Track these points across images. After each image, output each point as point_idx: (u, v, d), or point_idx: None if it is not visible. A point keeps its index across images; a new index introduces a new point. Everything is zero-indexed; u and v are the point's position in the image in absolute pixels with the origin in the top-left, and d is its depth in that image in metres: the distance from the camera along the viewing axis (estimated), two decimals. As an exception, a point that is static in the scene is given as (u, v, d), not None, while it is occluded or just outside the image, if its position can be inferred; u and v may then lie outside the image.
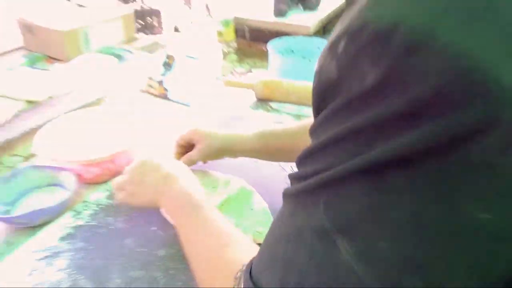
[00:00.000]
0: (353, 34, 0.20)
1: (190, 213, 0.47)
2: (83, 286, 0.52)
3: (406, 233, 0.19)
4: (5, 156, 0.81)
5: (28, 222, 0.62)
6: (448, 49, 0.17)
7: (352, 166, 0.20)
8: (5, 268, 0.55)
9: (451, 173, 0.18)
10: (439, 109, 0.17)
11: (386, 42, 0.19)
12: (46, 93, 0.99)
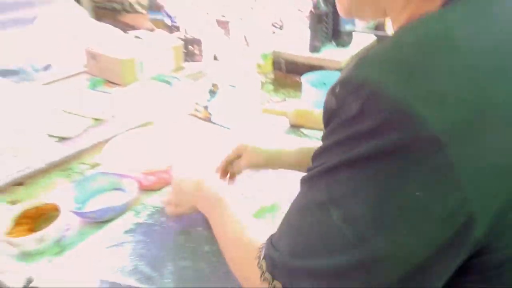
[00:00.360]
0: (342, 84, 0.34)
1: (217, 207, 0.58)
2: (142, 270, 0.63)
3: (373, 204, 0.31)
4: (75, 163, 0.96)
5: (98, 217, 0.75)
6: (390, 97, 0.30)
7: (340, 161, 0.33)
8: (78, 253, 0.68)
9: (395, 167, 0.30)
10: (382, 131, 0.30)
11: (359, 91, 0.32)
12: (109, 112, 1.16)
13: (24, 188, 0.87)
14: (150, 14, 5.21)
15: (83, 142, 1.02)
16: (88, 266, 0.65)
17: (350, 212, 0.32)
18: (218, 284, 0.61)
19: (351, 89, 0.32)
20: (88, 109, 1.16)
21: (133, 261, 0.65)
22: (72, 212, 0.74)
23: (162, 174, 0.85)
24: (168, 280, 0.61)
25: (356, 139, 0.32)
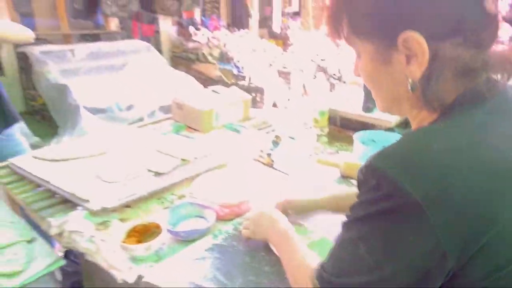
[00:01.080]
0: (368, 166, 0.53)
1: (286, 241, 0.81)
2: (219, 279, 0.84)
3: (384, 243, 0.50)
4: (167, 194, 1.23)
5: (186, 237, 0.99)
6: (394, 181, 0.48)
7: (364, 215, 0.53)
8: (172, 262, 0.91)
9: (396, 221, 0.49)
10: (388, 199, 0.49)
11: (373, 173, 0.51)
12: (192, 154, 1.44)
13: (130, 210, 1.14)
14: (220, 65, 5.80)
15: (173, 177, 1.29)
16: (179, 272, 0.87)
17: (370, 247, 0.51)
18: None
19: (371, 171, 0.52)
20: (176, 151, 1.45)
21: (212, 272, 0.87)
22: (168, 231, 0.98)
23: (234, 207, 1.07)
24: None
25: (373, 203, 0.51)
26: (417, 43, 0.51)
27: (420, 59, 0.52)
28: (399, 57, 0.54)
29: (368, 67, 0.59)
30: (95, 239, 0.98)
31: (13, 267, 1.02)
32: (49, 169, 1.35)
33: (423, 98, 0.55)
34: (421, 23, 0.51)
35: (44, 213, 1.16)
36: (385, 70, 0.57)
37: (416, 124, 0.61)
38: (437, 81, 0.52)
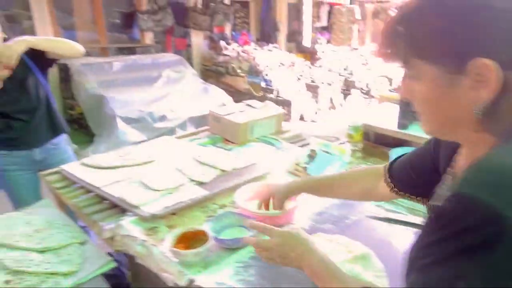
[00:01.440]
0: (455, 196, 0.48)
1: (323, 272, 0.75)
2: (265, 285, 0.89)
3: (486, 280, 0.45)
4: (209, 203, 1.29)
5: (231, 245, 1.04)
6: (490, 206, 0.44)
7: (452, 250, 0.47)
8: (216, 270, 0.96)
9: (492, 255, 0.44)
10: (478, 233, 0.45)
11: (467, 202, 0.46)
12: (231, 165, 1.50)
13: (176, 217, 1.20)
14: (248, 78, 5.92)
15: (214, 187, 1.35)
16: (227, 278, 0.92)
17: (471, 284, 0.47)
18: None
19: (464, 200, 0.47)
20: (215, 162, 1.52)
21: (258, 280, 0.91)
22: (214, 239, 1.04)
23: (274, 218, 1.12)
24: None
25: (468, 233, 0.46)
26: (490, 70, 0.50)
27: (492, 86, 0.51)
28: (466, 82, 0.53)
29: (427, 90, 0.58)
30: (147, 243, 1.04)
31: (69, 267, 1.10)
32: (98, 176, 1.44)
33: (488, 123, 0.55)
34: (495, 50, 0.50)
35: (95, 217, 1.24)
36: (447, 94, 0.56)
37: (471, 147, 0.61)
38: (504, 108, 0.53)
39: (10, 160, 1.72)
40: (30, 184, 1.78)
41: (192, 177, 1.40)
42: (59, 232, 1.25)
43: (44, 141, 1.78)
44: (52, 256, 1.13)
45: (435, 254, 0.49)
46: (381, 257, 0.96)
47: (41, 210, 1.42)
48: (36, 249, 1.15)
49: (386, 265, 0.93)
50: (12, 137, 1.69)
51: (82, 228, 1.31)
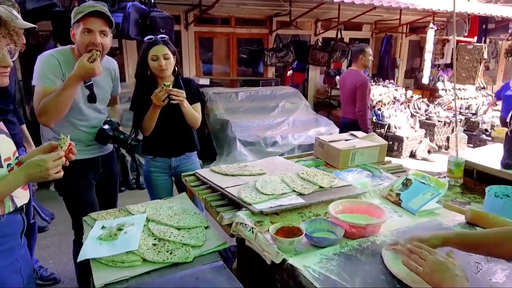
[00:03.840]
0: None
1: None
2: (343, 276, 1.09)
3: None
4: (306, 211, 1.54)
5: (319, 242, 1.27)
6: None
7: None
8: (304, 257, 1.20)
9: None
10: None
11: None
12: (328, 184, 1.73)
13: (278, 217, 1.48)
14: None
15: (311, 198, 1.60)
16: (313, 263, 1.15)
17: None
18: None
19: None
20: (316, 179, 1.77)
21: (338, 269, 1.12)
22: (305, 235, 1.28)
23: (360, 229, 1.31)
24: (354, 285, 1.05)
25: None
26: None
27: None
28: None
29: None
30: (255, 230, 1.35)
31: (196, 242, 1.46)
32: (223, 180, 1.83)
33: None
34: None
35: (219, 209, 1.61)
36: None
37: None
38: None
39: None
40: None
41: (295, 188, 1.68)
42: (191, 217, 1.65)
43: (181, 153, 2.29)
44: (185, 233, 1.52)
45: None
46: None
47: (179, 200, 1.87)
48: (175, 226, 1.56)
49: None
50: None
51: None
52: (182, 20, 5.55)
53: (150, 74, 2.08)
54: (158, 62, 2.02)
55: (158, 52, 2.02)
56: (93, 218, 1.68)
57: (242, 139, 4.76)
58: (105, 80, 2.05)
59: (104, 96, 2.06)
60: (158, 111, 2.04)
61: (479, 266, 1.15)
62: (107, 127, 1.98)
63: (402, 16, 6.44)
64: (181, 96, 2.01)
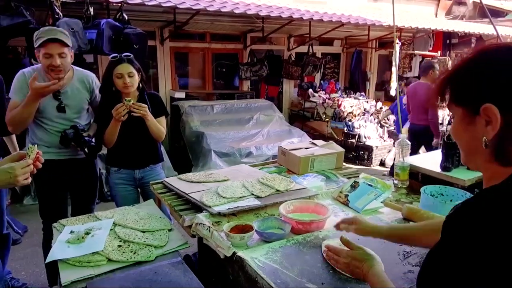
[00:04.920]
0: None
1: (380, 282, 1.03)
2: (284, 263, 1.23)
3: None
4: (262, 212, 1.68)
5: (268, 237, 1.40)
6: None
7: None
8: (254, 250, 1.33)
9: None
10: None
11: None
12: (285, 187, 1.87)
13: (235, 217, 1.62)
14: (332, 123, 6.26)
15: (267, 201, 1.74)
16: (259, 255, 1.29)
17: None
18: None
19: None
20: (274, 183, 1.91)
21: (281, 259, 1.26)
22: (256, 231, 1.42)
23: (306, 225, 1.46)
24: (294, 272, 1.19)
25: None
26: (493, 113, 0.69)
27: (494, 124, 0.69)
28: (481, 120, 0.72)
29: (457, 125, 0.80)
30: (211, 229, 1.47)
31: (159, 242, 1.57)
32: (188, 186, 1.96)
33: (496, 154, 0.72)
34: (499, 99, 0.70)
35: (181, 212, 1.73)
36: (468, 129, 0.76)
37: (488, 177, 0.77)
38: (506, 144, 0.70)
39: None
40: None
41: (253, 192, 1.82)
42: (156, 221, 1.76)
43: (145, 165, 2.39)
44: (149, 235, 1.63)
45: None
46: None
47: (146, 206, 1.98)
48: (140, 229, 1.67)
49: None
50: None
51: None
52: (158, 36, 5.70)
53: (116, 89, 2.20)
54: (123, 80, 2.14)
55: (123, 70, 2.14)
56: (63, 224, 1.77)
57: (217, 150, 4.88)
58: (78, 92, 2.24)
59: (78, 105, 2.25)
60: (118, 125, 2.15)
61: (406, 254, 1.31)
62: (69, 131, 2.16)
63: (370, 32, 6.78)
64: (142, 110, 2.13)
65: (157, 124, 2.27)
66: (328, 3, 7.46)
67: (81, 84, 2.26)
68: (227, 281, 1.36)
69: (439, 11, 9.90)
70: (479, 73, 0.74)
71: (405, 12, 8.58)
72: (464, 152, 0.83)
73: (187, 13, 4.99)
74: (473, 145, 0.77)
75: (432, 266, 0.76)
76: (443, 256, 0.73)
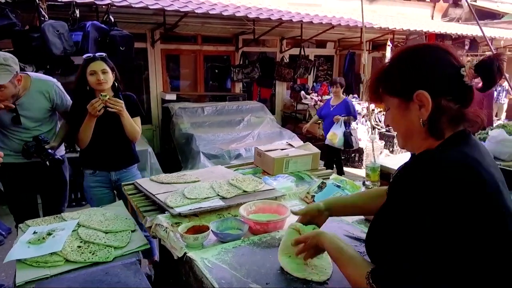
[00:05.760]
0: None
1: (336, 249, 1.00)
2: (232, 264, 1.22)
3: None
4: (225, 213, 1.67)
5: (223, 238, 1.39)
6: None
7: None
8: (207, 251, 1.32)
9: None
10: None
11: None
12: (253, 188, 1.86)
13: (197, 218, 1.61)
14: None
15: (232, 201, 1.73)
16: (210, 255, 1.27)
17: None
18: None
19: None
20: (243, 184, 1.90)
21: (230, 260, 1.24)
22: (212, 232, 1.41)
23: (263, 225, 1.45)
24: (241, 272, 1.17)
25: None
26: (425, 97, 0.84)
27: (427, 107, 0.85)
28: (414, 106, 0.87)
29: (394, 114, 0.93)
30: (168, 230, 1.46)
31: (119, 243, 1.56)
32: (158, 187, 1.95)
33: (430, 131, 0.86)
34: (428, 85, 0.85)
35: (145, 213, 1.72)
36: (405, 115, 0.90)
37: (424, 149, 0.89)
38: (438, 121, 0.85)
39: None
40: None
41: (219, 193, 1.81)
42: (121, 222, 1.75)
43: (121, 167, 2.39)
44: (111, 236, 1.62)
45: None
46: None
47: (114, 208, 1.97)
48: (103, 230, 1.66)
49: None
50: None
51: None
52: (148, 38, 5.71)
53: (90, 89, 2.19)
54: (96, 76, 2.13)
55: (96, 67, 2.14)
56: (28, 225, 1.77)
57: (206, 152, 4.87)
58: (36, 101, 2.25)
59: (36, 115, 2.26)
60: (93, 122, 2.14)
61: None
62: (31, 143, 2.17)
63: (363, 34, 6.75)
64: (118, 106, 2.12)
65: (133, 123, 2.26)
66: (323, 6, 7.47)
67: (39, 93, 2.26)
68: (180, 282, 1.35)
69: (435, 13, 9.89)
70: (406, 68, 0.88)
71: (401, 15, 8.58)
72: (403, 136, 0.95)
73: (176, 15, 5.00)
74: (411, 128, 0.90)
75: (379, 224, 0.89)
76: (388, 214, 0.86)
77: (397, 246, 0.81)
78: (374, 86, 0.95)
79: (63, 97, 2.33)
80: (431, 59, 0.87)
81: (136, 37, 5.13)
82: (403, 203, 0.81)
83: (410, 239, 0.78)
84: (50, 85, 2.29)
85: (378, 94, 0.94)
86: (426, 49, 0.90)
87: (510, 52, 9.62)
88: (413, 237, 0.77)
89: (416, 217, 0.77)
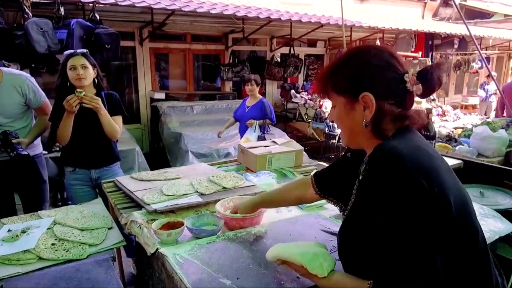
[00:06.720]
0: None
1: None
2: (204, 259, 1.20)
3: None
4: (203, 209, 1.65)
5: (198, 234, 1.37)
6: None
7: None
8: (180, 247, 1.30)
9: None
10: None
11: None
12: (232, 184, 1.84)
13: (174, 214, 1.59)
14: (313, 123, 6.24)
15: (210, 198, 1.71)
16: (184, 251, 1.26)
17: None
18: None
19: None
20: (223, 181, 1.88)
21: (202, 255, 1.23)
22: (187, 227, 1.39)
23: (239, 221, 1.43)
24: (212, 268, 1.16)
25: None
26: (370, 100, 0.87)
27: (371, 109, 0.88)
28: (359, 107, 0.90)
29: (339, 112, 0.95)
30: (142, 226, 1.44)
31: (94, 240, 1.54)
32: (137, 185, 1.92)
33: (374, 132, 0.90)
34: (373, 89, 0.88)
35: (122, 210, 1.70)
36: (350, 115, 0.92)
37: (369, 150, 0.92)
38: (381, 123, 0.89)
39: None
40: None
41: (198, 189, 1.79)
42: (98, 219, 1.72)
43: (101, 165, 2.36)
44: (87, 233, 1.59)
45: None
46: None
47: (92, 205, 1.94)
48: (78, 228, 1.63)
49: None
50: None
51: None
52: (137, 36, 5.67)
53: (70, 85, 2.16)
54: (76, 71, 2.11)
55: (76, 62, 2.12)
56: (3, 223, 1.73)
57: (194, 151, 4.85)
58: (7, 96, 2.21)
59: (7, 111, 2.23)
60: (71, 118, 2.11)
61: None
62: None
63: (352, 33, 6.78)
64: (94, 103, 2.10)
65: (111, 121, 2.23)
66: (314, 5, 7.47)
67: (11, 88, 2.23)
68: (153, 278, 1.33)
69: (426, 13, 9.95)
70: (355, 69, 0.91)
71: (392, 14, 8.61)
72: (347, 134, 0.97)
73: (163, 13, 4.96)
74: (355, 127, 0.92)
75: (351, 220, 0.93)
76: (355, 212, 0.92)
77: (365, 242, 0.86)
78: (323, 82, 0.96)
79: (37, 92, 2.30)
80: (379, 62, 0.89)
81: (124, 36, 5.10)
82: (361, 200, 0.88)
83: (373, 232, 0.82)
84: (22, 80, 2.26)
85: (326, 90, 0.96)
86: (375, 52, 0.92)
87: (498, 51, 9.72)
88: (373, 231, 0.82)
89: (367, 211, 0.84)
